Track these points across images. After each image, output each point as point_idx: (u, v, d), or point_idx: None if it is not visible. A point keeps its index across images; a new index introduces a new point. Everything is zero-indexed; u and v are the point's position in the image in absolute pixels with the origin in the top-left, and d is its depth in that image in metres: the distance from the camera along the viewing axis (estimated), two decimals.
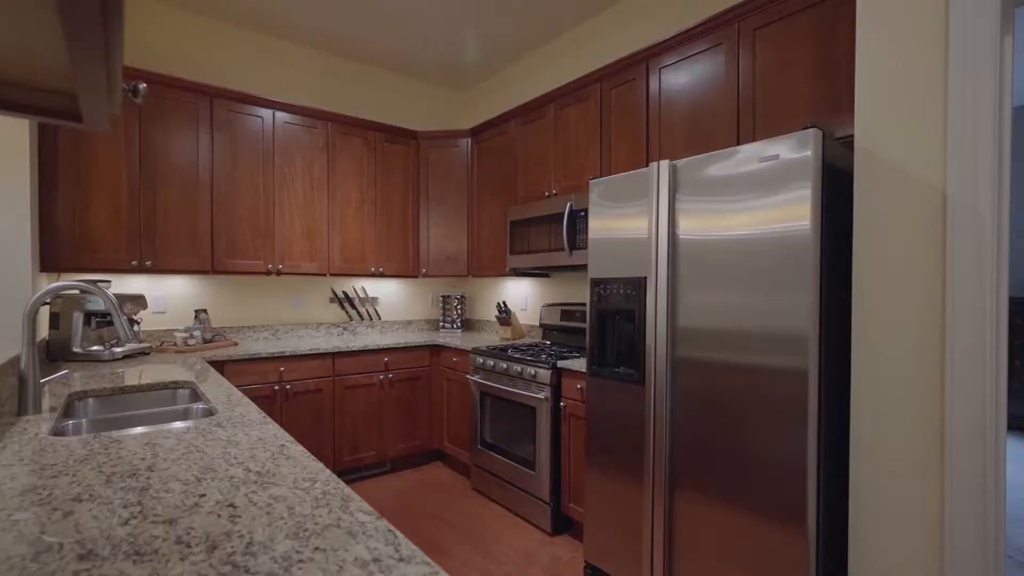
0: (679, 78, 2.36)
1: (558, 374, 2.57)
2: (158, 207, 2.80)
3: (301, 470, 1.00)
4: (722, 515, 1.72)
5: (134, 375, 2.07)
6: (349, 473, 3.23)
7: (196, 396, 1.90)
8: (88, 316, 2.46)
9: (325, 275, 3.38)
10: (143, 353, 2.67)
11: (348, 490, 0.90)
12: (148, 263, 2.77)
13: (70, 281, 1.48)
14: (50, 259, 2.53)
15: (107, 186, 2.66)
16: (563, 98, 3.00)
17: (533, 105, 3.19)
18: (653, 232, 1.92)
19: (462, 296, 4.08)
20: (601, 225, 2.17)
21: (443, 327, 4.07)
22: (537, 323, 3.65)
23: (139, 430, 1.27)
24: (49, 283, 2.73)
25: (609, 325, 2.13)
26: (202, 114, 2.93)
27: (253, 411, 1.48)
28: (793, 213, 1.54)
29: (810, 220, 1.50)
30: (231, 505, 0.84)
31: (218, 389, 1.81)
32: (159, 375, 2.08)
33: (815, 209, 1.51)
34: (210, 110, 2.95)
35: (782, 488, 1.57)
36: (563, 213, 2.82)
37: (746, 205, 1.66)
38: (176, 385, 1.98)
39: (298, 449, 1.13)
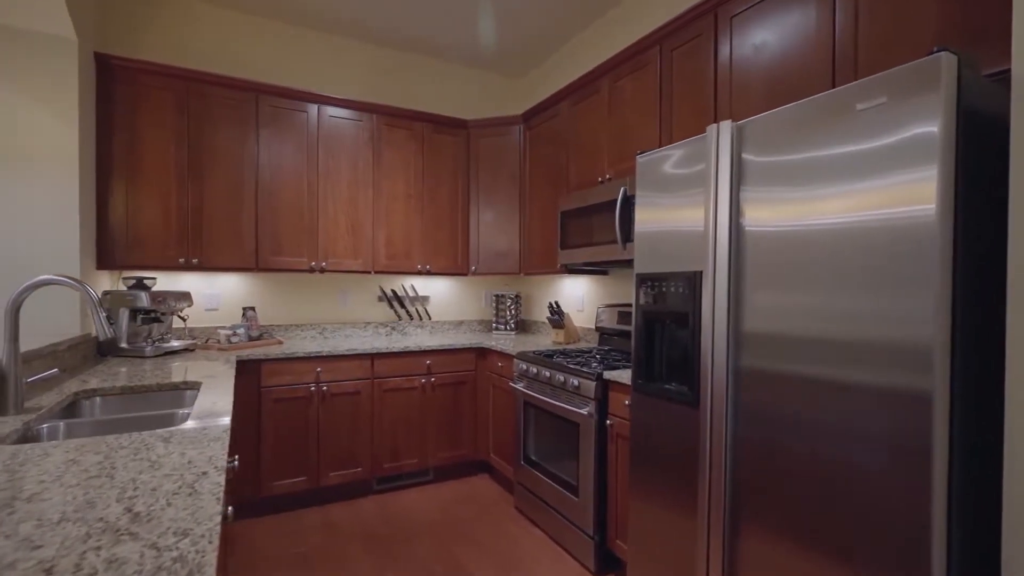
0: (755, 26, 1.90)
1: (604, 386, 2.21)
2: (205, 205, 2.82)
3: (186, 516, 0.77)
4: (802, 569, 1.28)
5: (156, 374, 2.03)
6: (389, 481, 3.08)
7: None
8: (134, 313, 2.51)
9: (369, 273, 3.27)
10: (187, 350, 2.69)
11: (208, 559, 0.66)
12: (195, 261, 2.79)
13: (53, 276, 1.40)
14: (106, 257, 2.61)
15: (157, 186, 2.71)
16: (618, 68, 2.61)
17: (586, 80, 2.84)
18: (711, 215, 1.51)
19: (517, 295, 3.81)
20: (649, 208, 1.79)
21: (496, 328, 3.83)
22: (593, 326, 3.28)
23: (84, 441, 1.13)
24: (111, 281, 2.85)
25: (658, 330, 1.75)
26: (248, 111, 2.91)
27: (220, 425, 1.30)
28: (910, 189, 1.08)
29: (937, 197, 1.04)
30: (47, 572, 0.62)
31: (216, 393, 1.68)
32: (181, 374, 2.02)
33: (945, 178, 1.04)
34: (256, 107, 2.94)
35: (892, 546, 1.11)
36: (616, 200, 2.44)
37: (838, 175, 1.22)
38: (186, 386, 1.89)
39: (214, 481, 0.91)
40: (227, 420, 1.34)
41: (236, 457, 1.69)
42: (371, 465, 2.95)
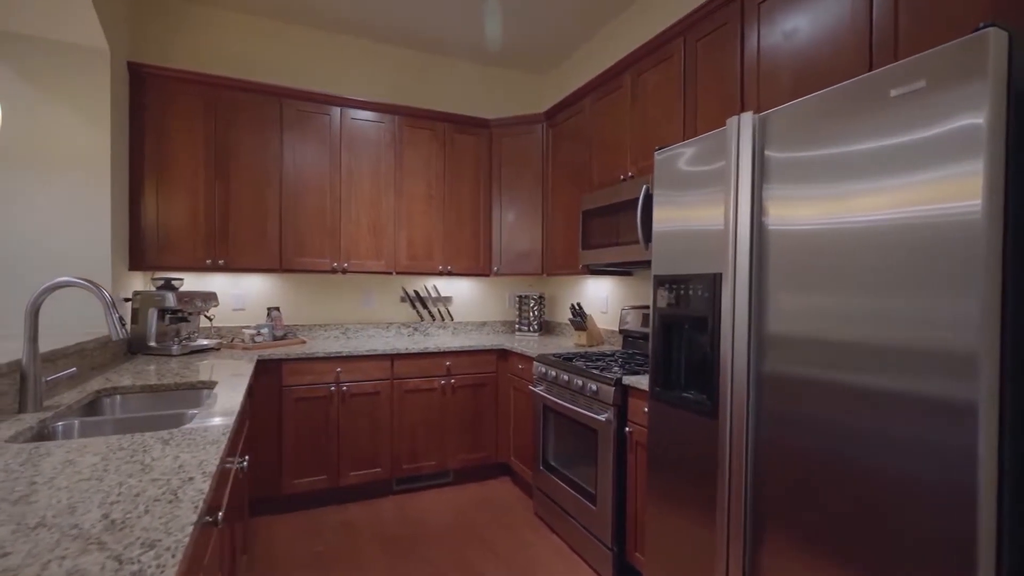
0: (785, 11, 1.78)
1: (623, 392, 2.12)
2: (231, 208, 2.88)
3: (159, 525, 0.76)
4: None
5: (178, 372, 2.07)
6: (408, 482, 3.07)
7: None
8: (162, 313, 2.58)
9: (391, 273, 3.27)
10: (212, 349, 2.75)
11: (167, 574, 0.63)
12: (221, 262, 2.86)
13: (71, 278, 1.44)
14: (138, 259, 2.70)
15: (185, 189, 2.78)
16: (641, 61, 2.52)
17: (608, 75, 2.75)
18: (731, 214, 1.42)
19: (540, 297, 3.74)
20: (667, 207, 1.70)
21: (519, 330, 3.77)
22: (617, 328, 3.19)
23: (87, 441, 1.15)
24: (143, 281, 2.95)
25: (676, 335, 1.66)
26: (272, 115, 2.96)
27: (221, 426, 1.30)
28: (953, 185, 0.97)
29: (984, 193, 0.93)
30: None
31: (228, 394, 1.69)
32: (200, 374, 2.05)
33: (992, 173, 0.93)
34: (280, 110, 2.98)
35: (933, 564, 1.01)
36: (638, 198, 2.35)
37: (871, 170, 1.11)
38: (203, 385, 1.92)
39: (197, 488, 0.90)
40: (230, 421, 1.34)
41: (246, 457, 1.70)
42: (390, 466, 2.95)
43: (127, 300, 2.60)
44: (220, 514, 1.02)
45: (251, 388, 2.14)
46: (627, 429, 2.08)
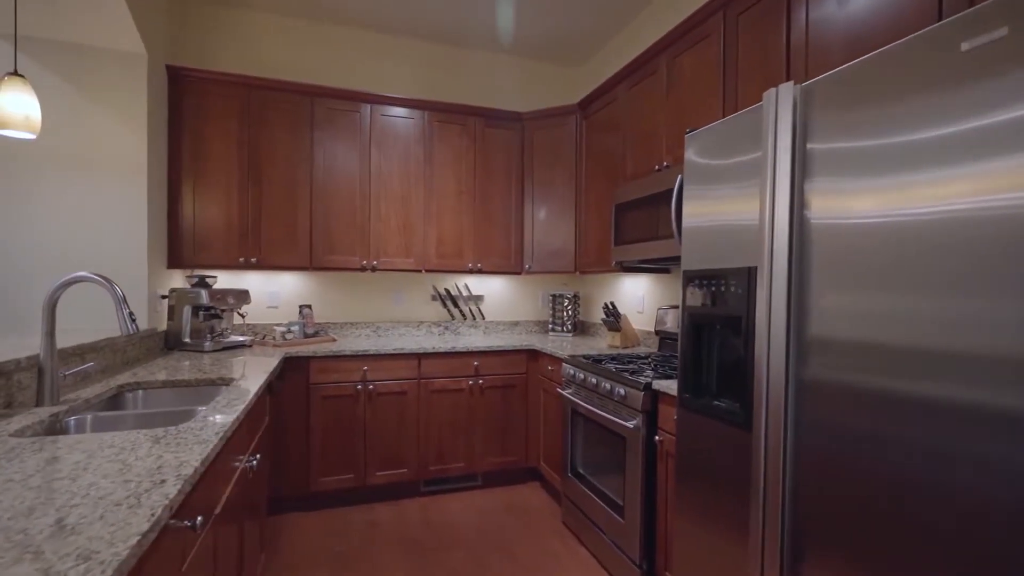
0: None
1: (653, 397, 1.97)
2: (263, 206, 2.92)
3: (107, 535, 0.70)
4: None
5: (202, 368, 2.09)
6: (435, 484, 3.02)
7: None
8: (196, 309, 2.64)
9: (420, 271, 3.23)
10: (244, 346, 2.80)
11: None
12: (254, 260, 2.90)
13: (85, 274, 1.45)
14: (175, 257, 2.78)
15: (220, 189, 2.84)
16: (677, 43, 2.35)
17: (642, 60, 2.59)
18: (767, 201, 1.25)
19: (575, 296, 3.61)
20: (698, 194, 1.55)
21: (552, 330, 3.65)
22: (653, 329, 3.01)
23: (82, 437, 1.13)
24: (182, 279, 3.04)
25: (707, 336, 1.50)
26: (303, 114, 2.98)
27: (218, 424, 1.27)
28: None
29: None
30: None
31: (242, 390, 1.68)
32: (223, 370, 2.07)
33: None
34: (311, 109, 3.00)
35: None
36: (673, 189, 2.18)
37: (936, 151, 0.93)
38: (222, 381, 1.93)
39: (164, 493, 0.85)
40: (229, 420, 1.30)
41: (257, 456, 1.67)
42: (417, 467, 2.90)
43: (164, 297, 2.68)
44: (200, 519, 0.97)
45: (271, 385, 2.14)
46: (657, 438, 1.93)
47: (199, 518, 0.98)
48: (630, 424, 2.00)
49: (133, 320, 1.46)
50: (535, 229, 3.43)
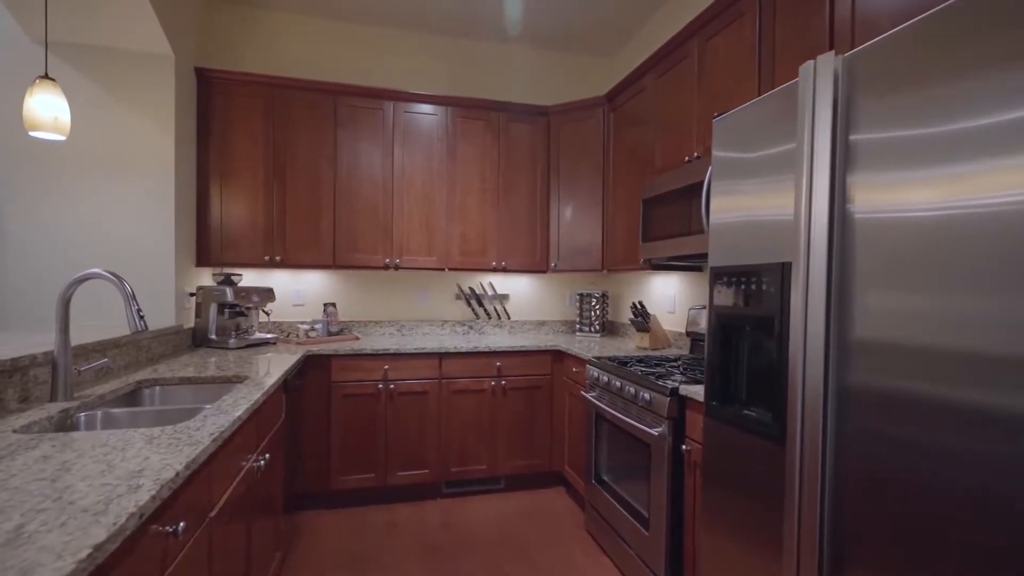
0: None
1: (680, 403, 1.84)
2: (288, 205, 2.93)
3: (58, 545, 0.66)
4: None
5: (221, 365, 2.10)
6: (458, 485, 2.96)
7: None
8: (221, 307, 2.67)
9: (443, 270, 3.19)
10: (268, 343, 2.81)
11: None
12: (278, 258, 2.92)
13: (97, 270, 1.46)
14: (204, 255, 2.83)
15: (246, 188, 2.87)
16: (709, 25, 2.20)
17: (672, 45, 2.45)
18: (802, 194, 1.11)
19: (603, 295, 3.48)
20: (726, 186, 1.42)
21: (580, 330, 3.54)
22: (684, 330, 2.85)
23: (78, 435, 1.12)
24: (211, 277, 3.09)
25: (735, 339, 1.37)
26: (326, 112, 2.98)
27: (216, 424, 1.23)
28: None
29: None
30: None
31: (251, 389, 1.65)
32: (244, 367, 2.07)
33: None
34: (334, 108, 3.00)
35: None
36: (703, 181, 2.04)
37: (1000, 133, 0.78)
38: (237, 379, 1.92)
39: (135, 500, 0.80)
40: (229, 419, 1.27)
41: (267, 456, 1.65)
42: (438, 468, 2.85)
43: (191, 295, 2.72)
44: (182, 524, 0.93)
45: (287, 383, 2.12)
46: (684, 447, 1.80)
47: (182, 524, 0.93)
48: (655, 431, 1.87)
49: (141, 317, 1.45)
50: (561, 226, 3.32)
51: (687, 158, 2.33)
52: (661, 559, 1.87)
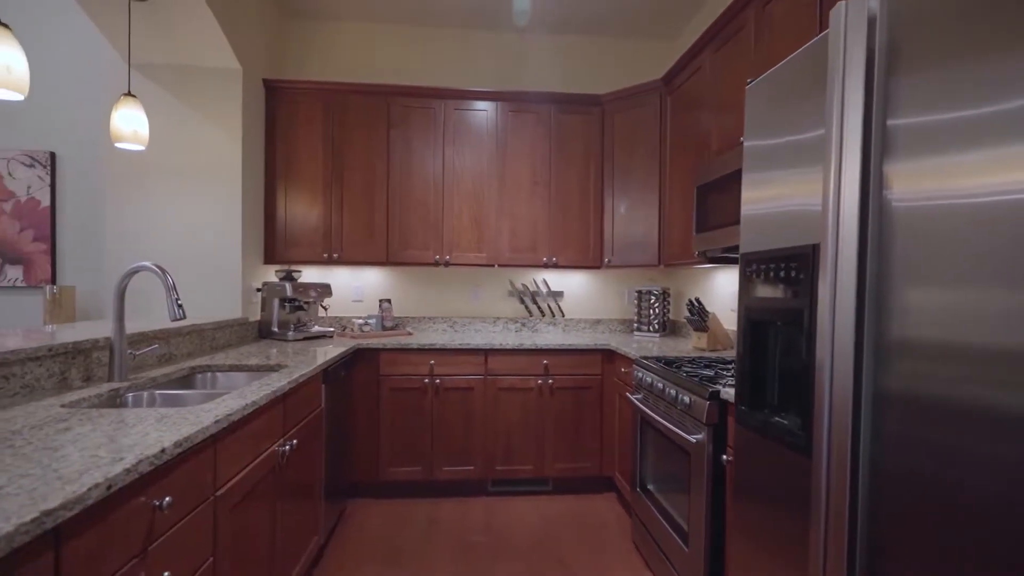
0: None
1: (721, 408, 1.65)
2: (344, 204, 3.07)
3: (13, 509, 0.71)
4: None
5: (274, 355, 2.23)
6: (505, 484, 2.92)
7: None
8: (282, 301, 2.85)
9: (493, 266, 3.17)
10: (324, 336, 2.96)
11: None
12: (336, 255, 3.07)
13: (145, 264, 1.60)
14: (270, 253, 3.05)
15: (308, 190, 3.05)
16: None
17: (728, 16, 2.24)
18: (831, 175, 0.94)
19: (664, 292, 3.28)
20: (757, 164, 1.25)
21: (638, 329, 3.35)
22: None
23: (105, 411, 1.22)
24: (274, 274, 3.32)
25: (765, 336, 1.20)
26: (379, 114, 3.09)
27: (222, 409, 1.29)
28: None
29: None
30: None
31: (283, 378, 1.73)
32: (292, 358, 2.18)
33: None
34: (387, 108, 3.09)
35: None
36: None
37: None
38: (278, 367, 2.02)
39: (112, 470, 0.85)
40: (240, 404, 1.33)
41: (294, 441, 1.71)
42: (483, 465, 2.83)
43: (258, 290, 2.94)
44: (168, 499, 0.98)
45: (328, 373, 2.20)
46: (725, 457, 1.62)
47: (167, 499, 0.98)
48: (693, 438, 1.71)
49: (180, 306, 1.57)
50: (615, 219, 3.17)
51: (742, 138, 2.10)
52: None
